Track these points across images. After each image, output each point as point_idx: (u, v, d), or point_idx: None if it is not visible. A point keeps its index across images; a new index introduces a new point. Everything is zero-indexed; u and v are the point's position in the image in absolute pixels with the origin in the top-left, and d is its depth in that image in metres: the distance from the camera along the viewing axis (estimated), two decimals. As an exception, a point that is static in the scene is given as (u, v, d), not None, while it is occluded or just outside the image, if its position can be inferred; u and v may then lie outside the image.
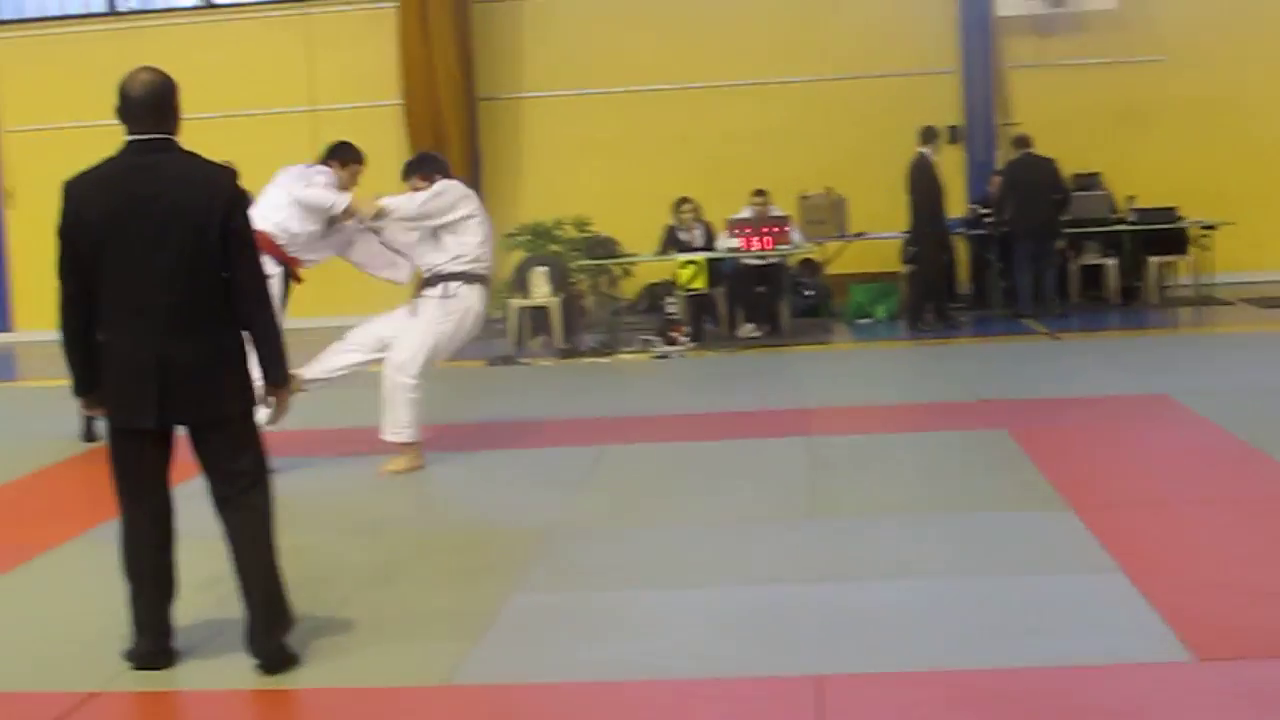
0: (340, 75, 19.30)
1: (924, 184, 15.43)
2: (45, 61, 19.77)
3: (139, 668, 5.32)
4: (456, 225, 9.01)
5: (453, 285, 9.00)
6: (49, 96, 19.26)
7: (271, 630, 5.22)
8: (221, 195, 5.17)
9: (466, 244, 9.03)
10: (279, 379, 5.32)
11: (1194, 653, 5.05)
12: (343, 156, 9.39)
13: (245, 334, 5.23)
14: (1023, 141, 16.55)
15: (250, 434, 5.27)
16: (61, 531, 7.53)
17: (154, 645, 5.31)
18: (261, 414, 5.38)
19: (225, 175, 5.27)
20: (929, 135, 15.63)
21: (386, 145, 19.12)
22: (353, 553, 7.09)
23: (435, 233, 9.03)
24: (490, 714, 4.94)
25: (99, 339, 5.15)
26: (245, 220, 5.24)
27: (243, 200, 5.25)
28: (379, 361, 9.08)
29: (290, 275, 9.20)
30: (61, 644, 5.78)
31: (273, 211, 8.95)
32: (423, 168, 9.27)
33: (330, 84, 19.27)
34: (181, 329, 5.08)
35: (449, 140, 18.69)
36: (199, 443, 5.22)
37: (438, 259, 9.05)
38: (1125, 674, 4.93)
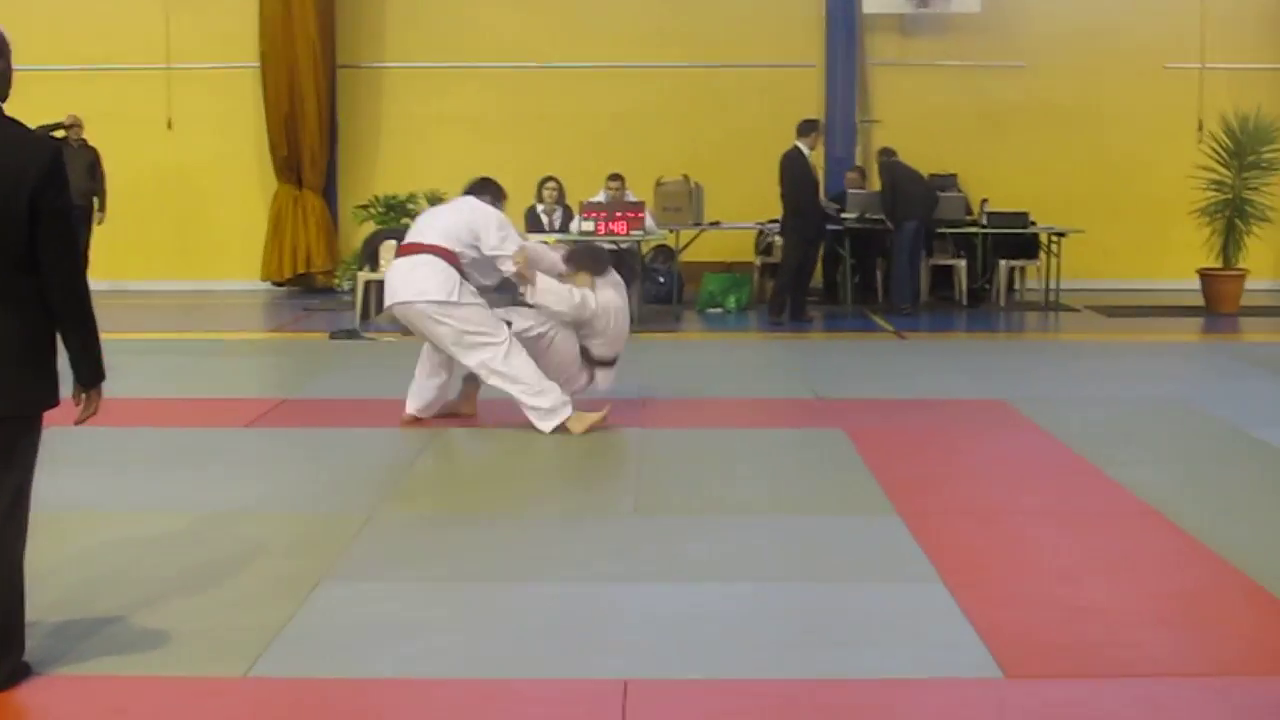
0: (197, 34, 18.90)
1: (795, 177, 15.42)
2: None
3: None
4: None
5: None
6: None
7: None
8: (34, 167, 4.61)
9: None
10: (88, 378, 4.83)
11: (1005, 669, 5.01)
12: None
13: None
14: (889, 152, 16.74)
15: (28, 444, 4.78)
16: None
17: None
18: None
19: (43, 146, 4.74)
20: (805, 129, 15.58)
21: (244, 109, 18.88)
22: (157, 532, 6.87)
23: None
24: (287, 708, 4.77)
25: None
26: (60, 199, 4.69)
27: (60, 176, 4.68)
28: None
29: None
30: None
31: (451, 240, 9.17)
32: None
33: (187, 42, 18.87)
34: None
35: (306, 107, 18.44)
36: None
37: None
38: (935, 689, 4.88)
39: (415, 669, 5.04)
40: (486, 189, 9.60)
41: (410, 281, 9.04)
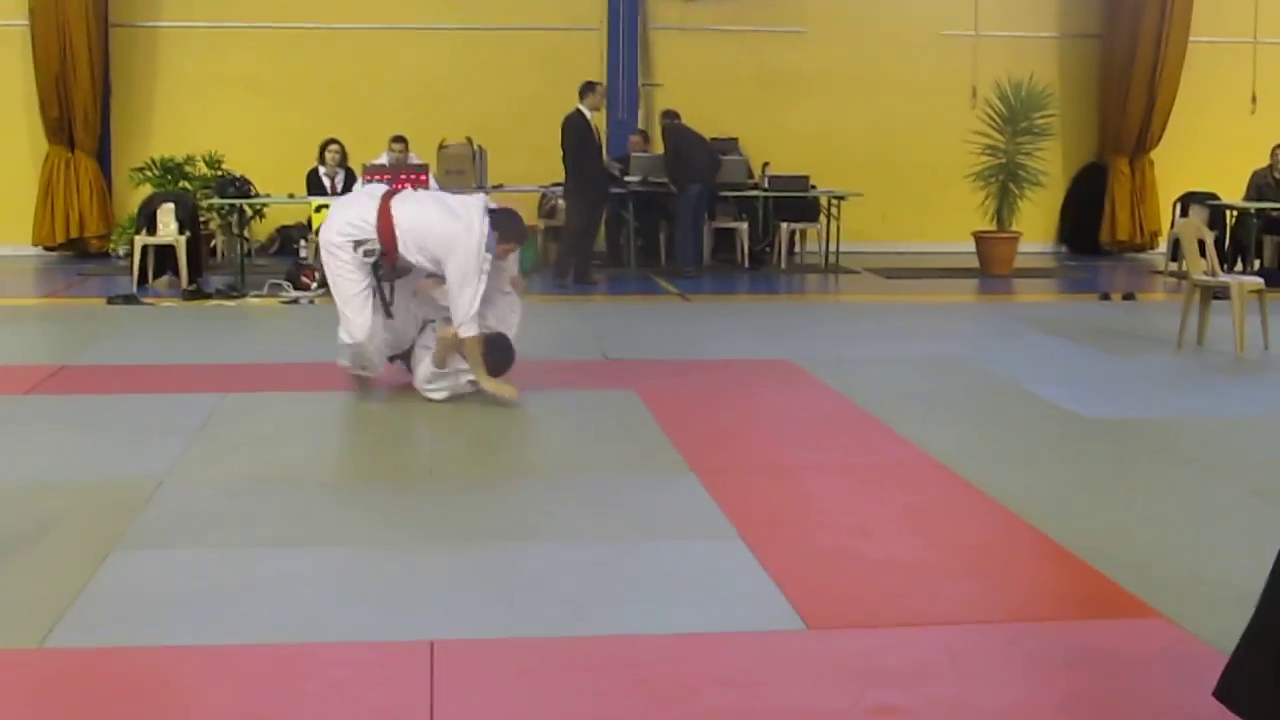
0: (-40, -9, 18.22)
1: (576, 140, 15.45)
2: None
3: None
4: None
5: None
6: None
7: None
8: None
9: None
10: None
11: (807, 621, 5.10)
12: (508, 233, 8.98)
13: None
14: (673, 115, 16.79)
15: None
16: None
17: None
18: None
19: None
20: (585, 90, 15.60)
21: (12, 68, 18.26)
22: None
23: None
24: (86, 679, 4.65)
25: None
26: None
27: None
28: None
29: None
30: None
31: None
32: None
33: (-52, 0, 18.19)
34: None
35: (78, 66, 17.89)
36: None
37: None
38: (740, 642, 4.95)
39: (216, 636, 4.95)
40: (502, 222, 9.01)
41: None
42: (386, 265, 8.85)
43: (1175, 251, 15.73)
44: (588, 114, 15.44)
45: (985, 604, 5.39)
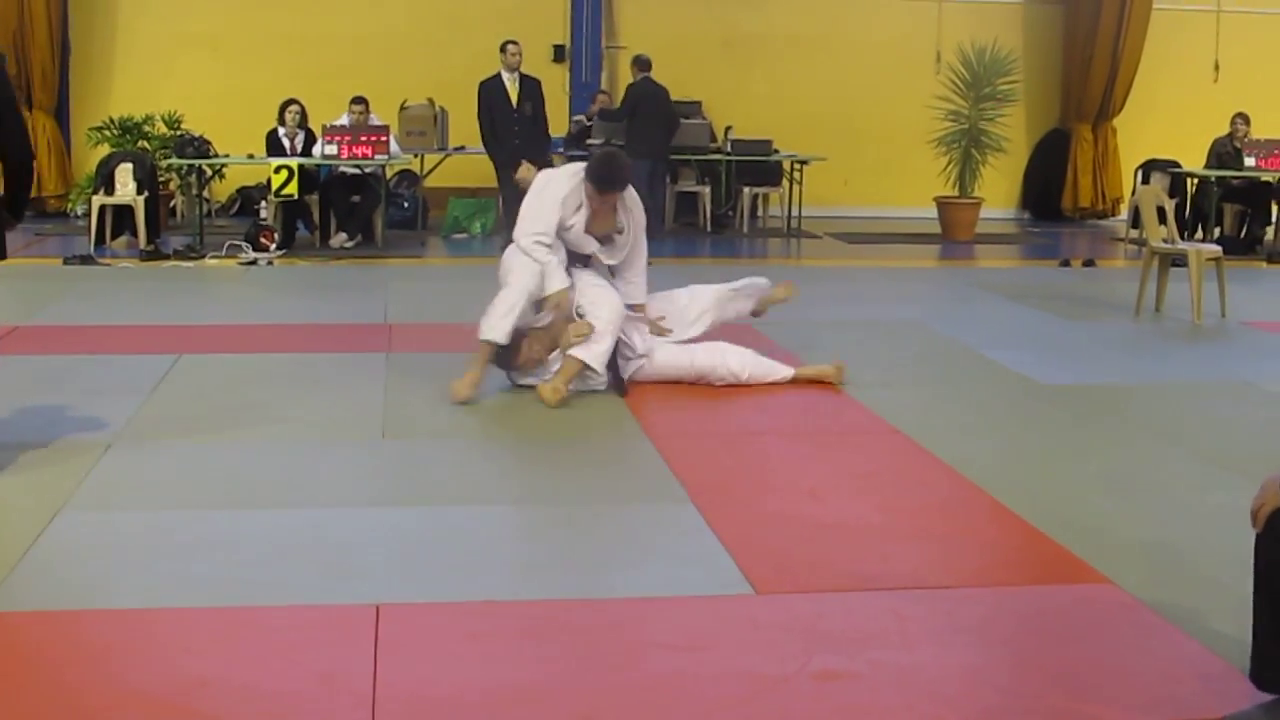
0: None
1: (480, 105, 15.36)
2: None
3: None
4: None
5: None
6: None
7: None
8: None
9: None
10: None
11: (755, 586, 5.09)
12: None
13: None
14: (644, 64, 16.54)
15: None
16: None
17: None
18: None
19: None
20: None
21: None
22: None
23: None
24: (31, 642, 4.60)
25: None
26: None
27: None
28: None
29: None
30: None
31: None
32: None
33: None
34: None
35: (35, 23, 17.66)
36: None
37: None
38: (688, 606, 4.93)
39: (159, 599, 4.91)
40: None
41: None
42: None
43: (1136, 219, 15.71)
44: (505, 75, 15.15)
45: (935, 569, 5.38)
